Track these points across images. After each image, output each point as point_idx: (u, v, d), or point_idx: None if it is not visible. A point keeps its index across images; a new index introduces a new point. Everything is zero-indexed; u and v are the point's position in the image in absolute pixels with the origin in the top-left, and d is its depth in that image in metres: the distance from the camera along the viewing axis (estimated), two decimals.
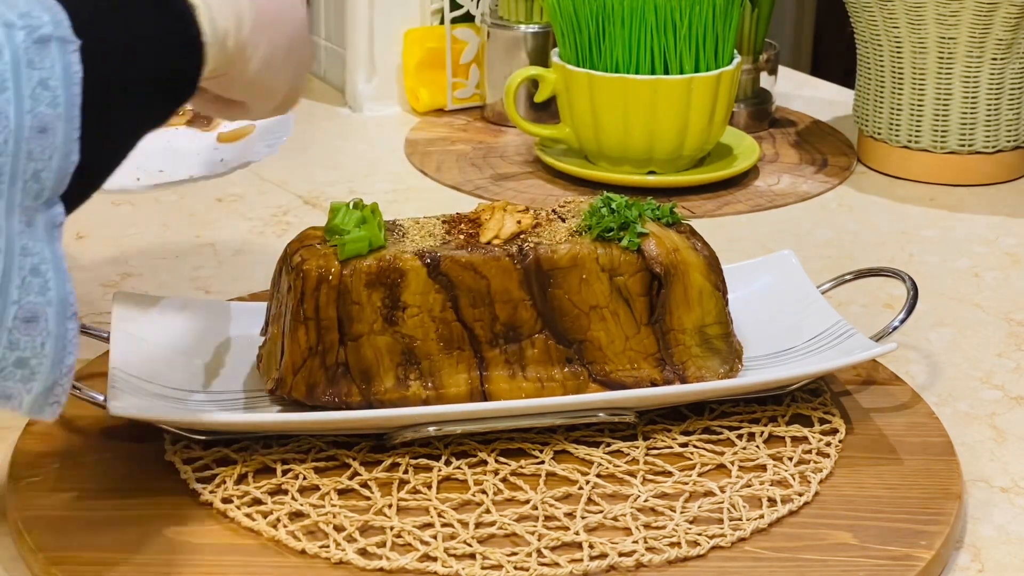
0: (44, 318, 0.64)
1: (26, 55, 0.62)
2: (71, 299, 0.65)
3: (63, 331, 0.64)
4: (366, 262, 0.84)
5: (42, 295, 0.64)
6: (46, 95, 0.63)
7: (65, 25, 0.64)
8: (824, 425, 0.87)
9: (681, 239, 0.88)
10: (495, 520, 0.77)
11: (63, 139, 0.64)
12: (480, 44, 1.52)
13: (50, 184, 0.64)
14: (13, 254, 0.63)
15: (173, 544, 0.75)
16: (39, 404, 0.65)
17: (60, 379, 0.65)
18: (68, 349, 0.65)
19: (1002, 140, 1.35)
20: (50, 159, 0.63)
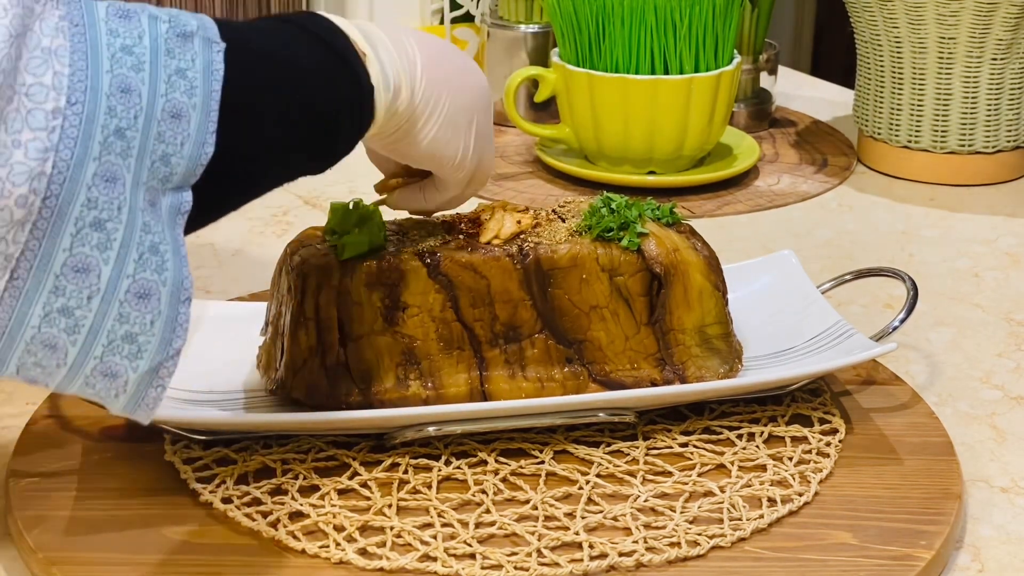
0: (157, 297, 0.64)
1: (166, 44, 0.65)
2: (187, 283, 0.66)
3: (175, 313, 0.65)
4: (366, 262, 0.84)
5: (158, 274, 0.65)
6: (182, 83, 0.65)
7: (212, 30, 0.67)
8: (824, 425, 0.87)
9: (681, 239, 0.88)
10: (495, 520, 0.77)
11: (196, 128, 0.65)
12: (480, 44, 1.52)
13: (180, 170, 0.65)
14: (135, 228, 0.64)
15: (173, 544, 0.75)
16: (143, 386, 0.65)
17: (166, 361, 0.66)
18: (178, 332, 0.66)
19: (1002, 140, 1.35)
20: (181, 145, 0.65)
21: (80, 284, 0.62)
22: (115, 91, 0.63)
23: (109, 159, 0.63)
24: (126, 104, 0.63)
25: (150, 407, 0.67)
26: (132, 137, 0.63)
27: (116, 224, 0.63)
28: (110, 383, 0.65)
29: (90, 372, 0.64)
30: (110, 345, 0.64)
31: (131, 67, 0.63)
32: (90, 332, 0.63)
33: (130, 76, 0.63)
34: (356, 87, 0.74)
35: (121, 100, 0.63)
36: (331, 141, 0.74)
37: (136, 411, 0.67)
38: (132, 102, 0.63)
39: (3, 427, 0.87)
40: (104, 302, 0.63)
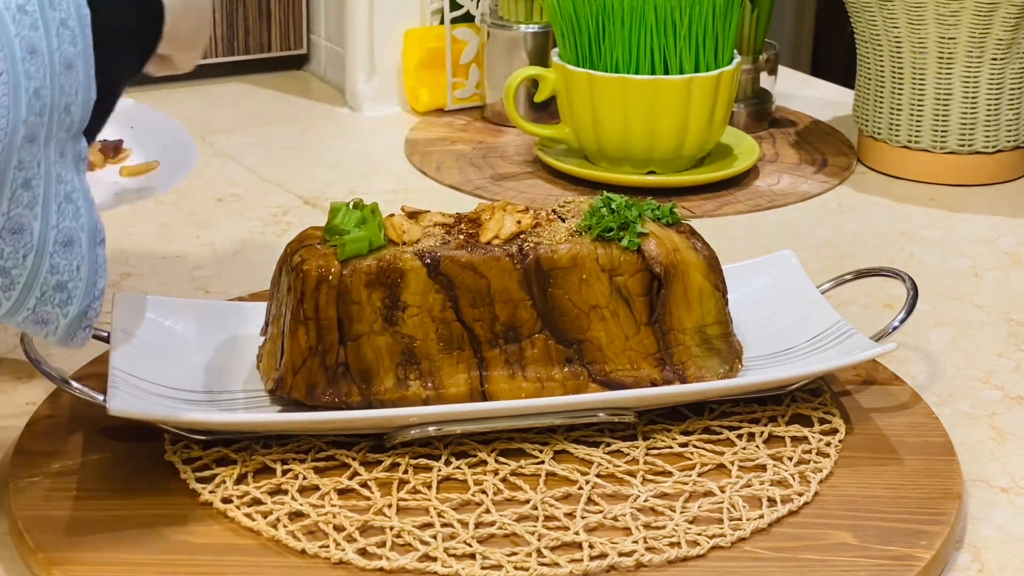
0: (79, 243, 0.67)
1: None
2: (99, 225, 0.69)
3: (94, 256, 0.68)
4: (366, 262, 0.84)
5: (75, 220, 0.67)
6: (67, 34, 0.67)
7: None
8: (824, 425, 0.87)
9: (681, 239, 0.88)
10: (495, 520, 0.77)
11: (83, 75, 0.68)
12: (480, 44, 1.52)
13: (78, 118, 0.68)
14: (51, 180, 0.66)
15: (173, 544, 0.75)
16: (72, 328, 0.68)
17: (93, 303, 0.69)
18: (99, 273, 0.69)
19: (1002, 140, 1.35)
20: (76, 93, 0.67)
21: (16, 244, 0.65)
22: (26, 53, 0.65)
23: (32, 120, 0.65)
24: (37, 64, 0.65)
25: (78, 346, 0.70)
26: (45, 95, 0.65)
27: (39, 181, 0.66)
28: (40, 328, 0.68)
29: (22, 321, 0.67)
30: (43, 296, 0.67)
31: (30, 27, 0.65)
32: (24, 287, 0.66)
33: (32, 36, 0.65)
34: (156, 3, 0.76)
35: (33, 62, 0.65)
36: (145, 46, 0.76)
37: (66, 346, 0.70)
38: (40, 61, 0.65)
39: (3, 427, 0.87)
40: (37, 257, 0.66)
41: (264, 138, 1.46)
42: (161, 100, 1.58)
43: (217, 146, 1.43)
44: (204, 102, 1.57)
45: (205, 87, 1.61)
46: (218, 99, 1.59)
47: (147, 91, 1.60)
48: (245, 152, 1.42)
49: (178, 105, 1.54)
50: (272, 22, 1.65)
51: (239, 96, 1.60)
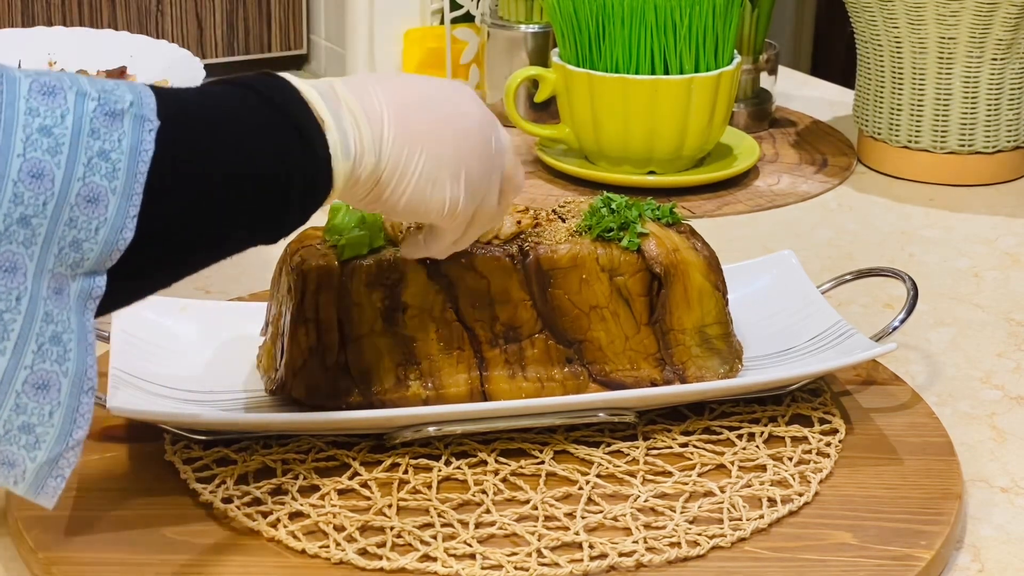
0: (57, 387, 0.62)
1: (91, 124, 0.61)
2: (91, 373, 0.63)
3: (76, 403, 0.63)
4: (366, 262, 0.84)
5: (59, 364, 0.62)
6: (104, 166, 0.61)
7: (149, 107, 0.63)
8: (824, 425, 0.87)
9: (681, 239, 0.88)
10: (495, 520, 0.77)
11: (115, 213, 0.62)
12: (480, 44, 1.52)
13: (93, 256, 0.62)
14: (35, 318, 0.61)
15: (173, 544, 0.75)
16: (42, 476, 0.63)
17: (66, 452, 0.63)
18: (79, 423, 0.63)
19: (1002, 140, 1.35)
20: (96, 231, 0.62)
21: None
22: (24, 176, 0.59)
23: (10, 248, 0.60)
24: (35, 190, 0.60)
25: (50, 496, 0.64)
26: (38, 225, 0.60)
27: (14, 315, 0.60)
28: (7, 471, 0.63)
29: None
30: (6, 435, 0.61)
31: (47, 150, 0.60)
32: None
33: (44, 160, 0.60)
34: (310, 158, 0.69)
35: (30, 186, 0.59)
36: (279, 214, 0.69)
37: (36, 498, 0.64)
38: (43, 188, 0.60)
39: None
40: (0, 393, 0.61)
41: None
42: None
43: None
44: None
45: None
46: None
47: None
48: None
49: None
50: (272, 22, 1.65)
51: None
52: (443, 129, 0.74)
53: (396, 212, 0.74)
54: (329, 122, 0.69)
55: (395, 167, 0.72)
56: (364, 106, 0.71)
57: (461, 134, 0.75)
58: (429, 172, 0.73)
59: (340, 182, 0.70)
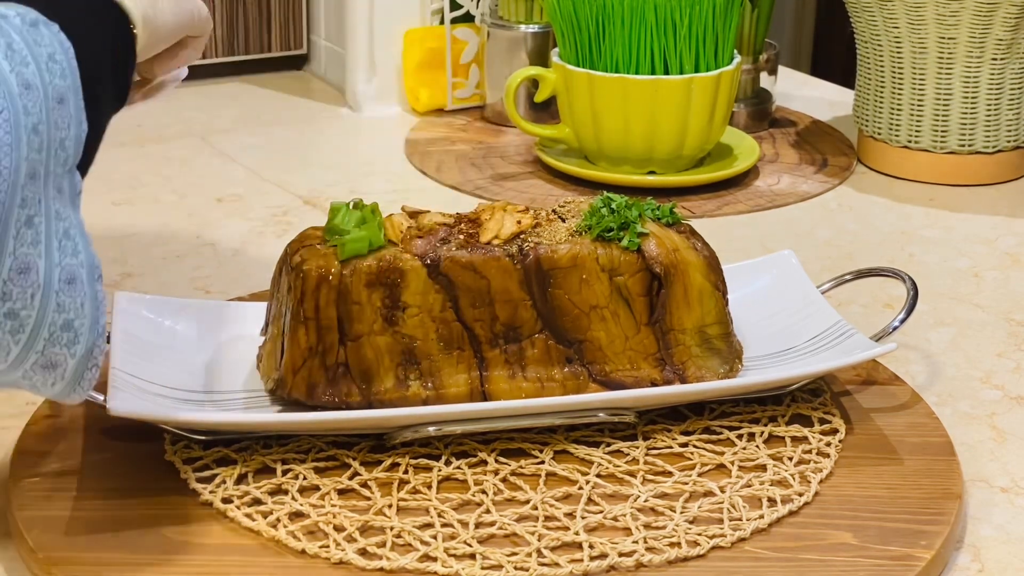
0: (80, 279, 0.66)
1: (31, 35, 0.65)
2: (96, 261, 0.68)
3: (95, 291, 0.67)
4: (366, 262, 0.84)
5: (75, 257, 0.66)
6: (56, 68, 0.66)
7: (36, 12, 0.67)
8: (824, 425, 0.87)
9: (681, 239, 0.88)
10: (495, 520, 0.77)
11: (75, 108, 0.67)
12: (480, 44, 1.52)
13: (72, 152, 0.67)
14: (51, 217, 0.65)
15: (173, 544, 0.75)
16: (79, 370, 0.67)
17: (98, 339, 0.67)
18: (101, 309, 0.67)
19: (1002, 140, 1.35)
20: (69, 127, 0.66)
21: (24, 284, 0.63)
22: (22, 89, 0.64)
23: (32, 156, 0.64)
24: (32, 99, 0.64)
25: (85, 389, 0.68)
26: (43, 131, 0.65)
27: (40, 218, 0.65)
28: (47, 374, 0.66)
29: (29, 368, 0.65)
30: (51, 337, 0.65)
31: (21, 63, 0.64)
32: (33, 328, 0.64)
33: (25, 72, 0.64)
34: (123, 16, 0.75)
35: (29, 97, 0.64)
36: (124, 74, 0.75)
37: (71, 395, 0.68)
38: (34, 96, 0.64)
39: (3, 427, 0.87)
40: (44, 296, 0.64)
41: (264, 138, 1.46)
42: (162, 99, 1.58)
43: (217, 146, 1.43)
44: (204, 102, 1.57)
45: (205, 87, 1.61)
46: (218, 99, 1.59)
47: None
48: (245, 152, 1.42)
49: (178, 105, 1.54)
50: (272, 22, 1.65)
51: (239, 96, 1.60)
52: None
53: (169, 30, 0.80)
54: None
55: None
56: None
57: None
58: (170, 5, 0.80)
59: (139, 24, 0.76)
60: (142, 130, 1.47)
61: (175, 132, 1.47)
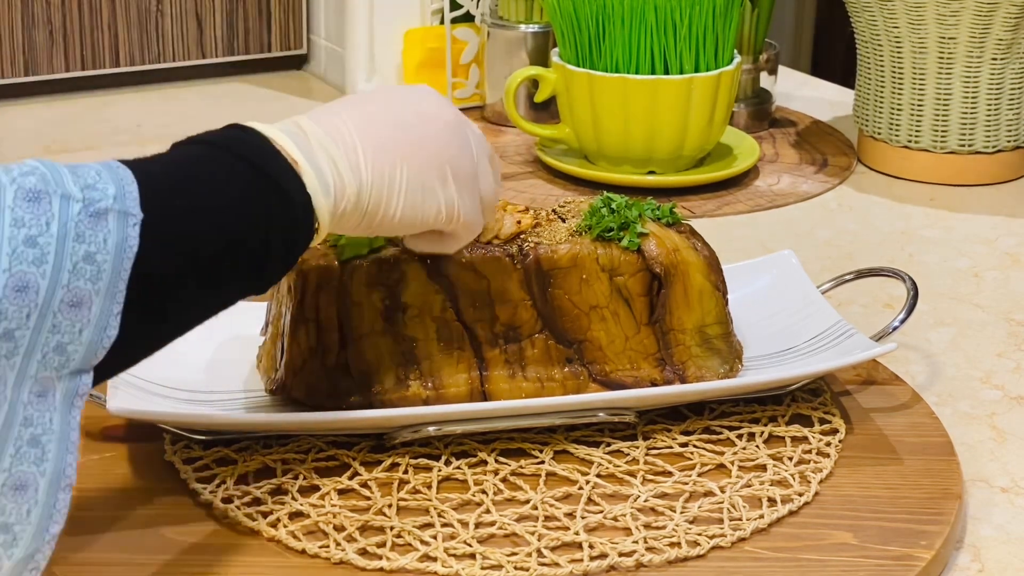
0: (35, 487, 0.62)
1: (76, 228, 0.60)
2: (68, 471, 0.63)
3: (53, 501, 0.63)
4: (366, 262, 0.84)
5: (36, 465, 0.62)
6: (88, 270, 0.61)
7: (132, 197, 0.62)
8: (824, 425, 0.87)
9: (681, 239, 0.88)
10: (495, 520, 0.77)
11: (99, 313, 0.61)
12: (480, 44, 1.52)
13: (78, 357, 0.62)
14: (14, 424, 0.60)
15: (173, 544, 0.75)
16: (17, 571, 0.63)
17: (42, 546, 0.63)
18: (55, 519, 0.63)
19: (1002, 140, 1.35)
20: (80, 332, 0.61)
21: None
22: (9, 292, 0.58)
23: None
24: (20, 303, 0.59)
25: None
26: (21, 336, 0.59)
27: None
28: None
29: None
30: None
31: (32, 261, 0.59)
32: None
33: (29, 272, 0.59)
34: (289, 206, 0.69)
35: (15, 300, 0.58)
36: (264, 270, 0.69)
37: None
38: (27, 300, 0.59)
39: None
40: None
41: None
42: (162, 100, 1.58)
43: None
44: (204, 102, 1.57)
45: (205, 87, 1.61)
46: (218, 99, 1.59)
47: (151, 89, 1.60)
48: None
49: (179, 105, 1.54)
50: (272, 22, 1.65)
51: (239, 96, 1.60)
52: (416, 135, 0.74)
53: (395, 229, 0.75)
54: (303, 163, 0.69)
55: (380, 188, 0.72)
56: (334, 137, 0.71)
57: (434, 135, 0.75)
58: (415, 182, 0.74)
59: (325, 220, 0.71)
60: (143, 130, 1.47)
61: (175, 132, 1.46)
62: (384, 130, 0.73)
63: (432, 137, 0.75)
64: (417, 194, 0.74)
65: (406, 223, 0.75)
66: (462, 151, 0.77)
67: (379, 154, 0.72)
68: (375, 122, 0.73)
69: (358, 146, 0.72)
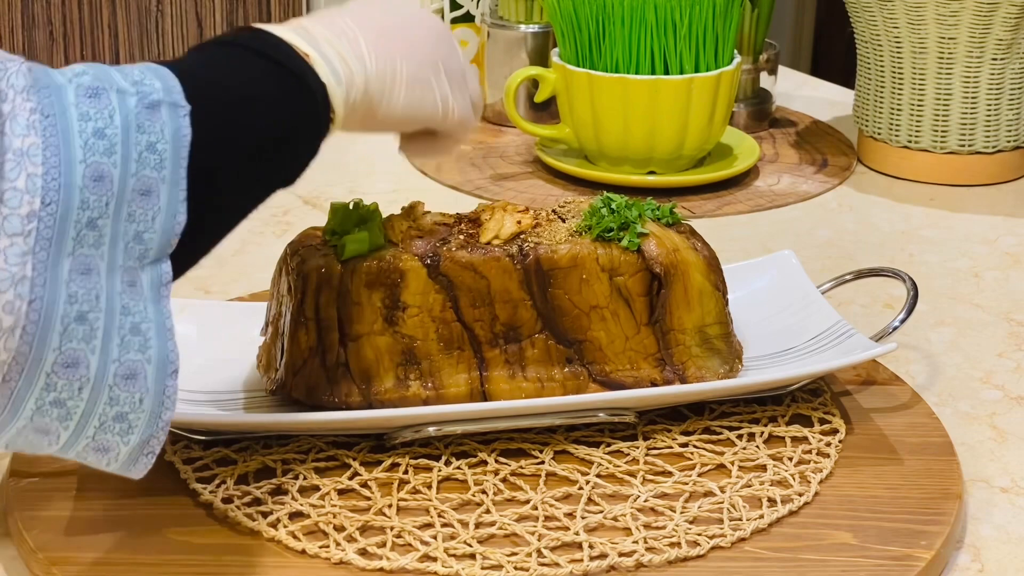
0: (143, 375, 0.64)
1: (136, 119, 0.63)
2: (172, 357, 0.65)
3: (162, 387, 0.65)
4: (366, 262, 0.84)
5: (142, 353, 0.64)
6: (152, 158, 0.64)
7: (177, 91, 0.65)
8: (824, 425, 0.87)
9: (681, 239, 0.88)
10: (495, 520, 0.77)
11: (167, 200, 0.64)
12: (480, 44, 1.52)
13: (155, 245, 0.65)
14: (115, 313, 0.63)
15: (173, 544, 0.75)
16: (134, 456, 0.66)
17: (156, 432, 0.66)
18: (166, 405, 0.66)
19: (1002, 140, 1.35)
20: (153, 220, 0.64)
21: (71, 378, 0.62)
22: (89, 182, 0.62)
23: (83, 252, 0.62)
24: (99, 193, 0.62)
25: (140, 471, 0.67)
26: (103, 225, 0.62)
27: (97, 313, 0.63)
28: (101, 456, 0.65)
29: (82, 449, 0.65)
30: (102, 426, 0.64)
31: (103, 152, 0.62)
32: (82, 417, 0.63)
33: (103, 163, 0.62)
34: (309, 95, 0.72)
35: (94, 190, 0.62)
36: (294, 156, 0.73)
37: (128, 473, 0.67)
38: (104, 189, 0.62)
39: None
40: (94, 390, 0.63)
41: None
42: None
43: None
44: None
45: None
46: None
47: None
48: None
49: None
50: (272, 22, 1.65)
51: None
52: (413, 33, 0.79)
53: (395, 124, 0.79)
54: (313, 55, 0.73)
55: (382, 77, 0.76)
56: (336, 32, 0.75)
57: (426, 36, 0.79)
58: (414, 74, 0.77)
59: (340, 109, 0.74)
60: None
61: None
62: (382, 28, 0.77)
63: (424, 38, 0.79)
64: (416, 88, 0.78)
65: (407, 117, 0.78)
66: (452, 52, 0.81)
67: (380, 48, 0.76)
68: (373, 20, 0.77)
69: (360, 41, 0.75)
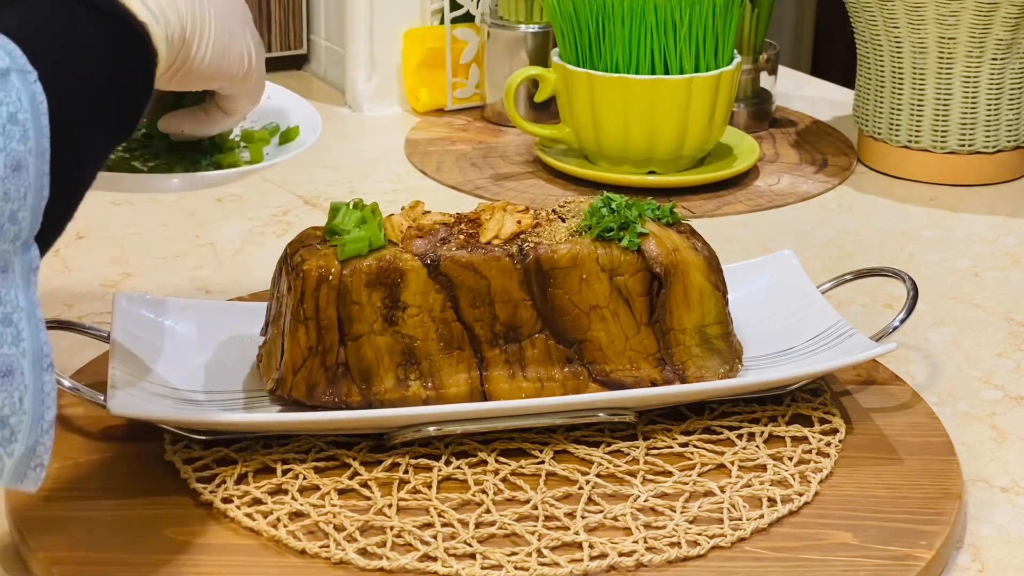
0: (19, 371, 0.59)
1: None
2: (46, 349, 0.60)
3: (40, 383, 0.60)
4: (366, 262, 0.84)
5: (14, 346, 0.59)
6: (16, 130, 0.59)
7: (19, 55, 0.61)
8: (824, 425, 0.87)
9: (681, 239, 0.88)
10: (495, 520, 0.77)
11: (35, 174, 0.60)
12: (480, 44, 1.52)
13: (26, 224, 0.60)
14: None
15: (173, 544, 0.75)
16: (20, 469, 0.60)
17: (42, 436, 0.60)
18: (47, 403, 0.60)
19: (1002, 140, 1.35)
20: (24, 197, 0.59)
21: None
22: None
23: None
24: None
25: (31, 487, 0.61)
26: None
27: None
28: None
29: None
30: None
31: None
32: None
33: None
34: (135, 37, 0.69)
35: None
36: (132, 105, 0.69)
37: (18, 487, 0.62)
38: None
39: None
40: None
41: None
42: None
43: None
44: None
45: None
46: None
47: None
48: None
49: None
50: (272, 22, 1.65)
51: None
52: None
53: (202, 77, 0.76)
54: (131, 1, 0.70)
55: (193, 23, 0.74)
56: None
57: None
58: (222, 25, 0.76)
59: (162, 45, 0.71)
60: None
61: None
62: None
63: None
64: (225, 36, 0.77)
65: (215, 64, 0.76)
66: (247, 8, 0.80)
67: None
68: None
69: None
